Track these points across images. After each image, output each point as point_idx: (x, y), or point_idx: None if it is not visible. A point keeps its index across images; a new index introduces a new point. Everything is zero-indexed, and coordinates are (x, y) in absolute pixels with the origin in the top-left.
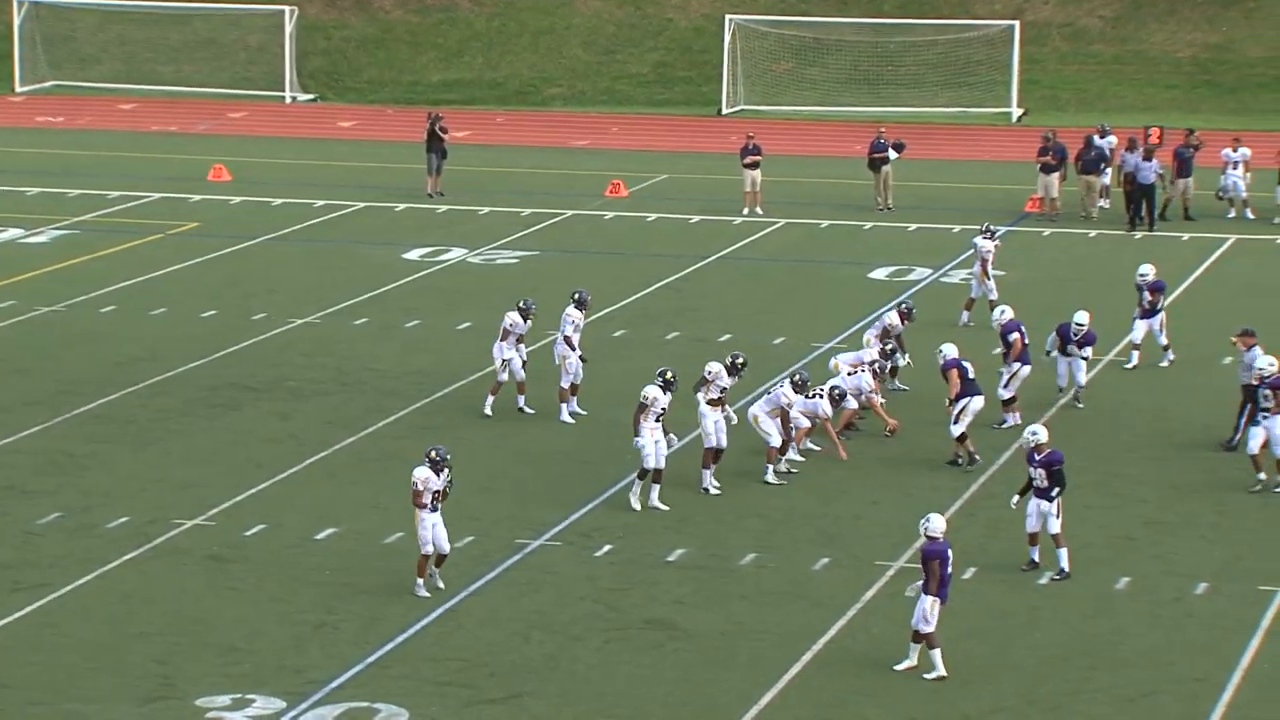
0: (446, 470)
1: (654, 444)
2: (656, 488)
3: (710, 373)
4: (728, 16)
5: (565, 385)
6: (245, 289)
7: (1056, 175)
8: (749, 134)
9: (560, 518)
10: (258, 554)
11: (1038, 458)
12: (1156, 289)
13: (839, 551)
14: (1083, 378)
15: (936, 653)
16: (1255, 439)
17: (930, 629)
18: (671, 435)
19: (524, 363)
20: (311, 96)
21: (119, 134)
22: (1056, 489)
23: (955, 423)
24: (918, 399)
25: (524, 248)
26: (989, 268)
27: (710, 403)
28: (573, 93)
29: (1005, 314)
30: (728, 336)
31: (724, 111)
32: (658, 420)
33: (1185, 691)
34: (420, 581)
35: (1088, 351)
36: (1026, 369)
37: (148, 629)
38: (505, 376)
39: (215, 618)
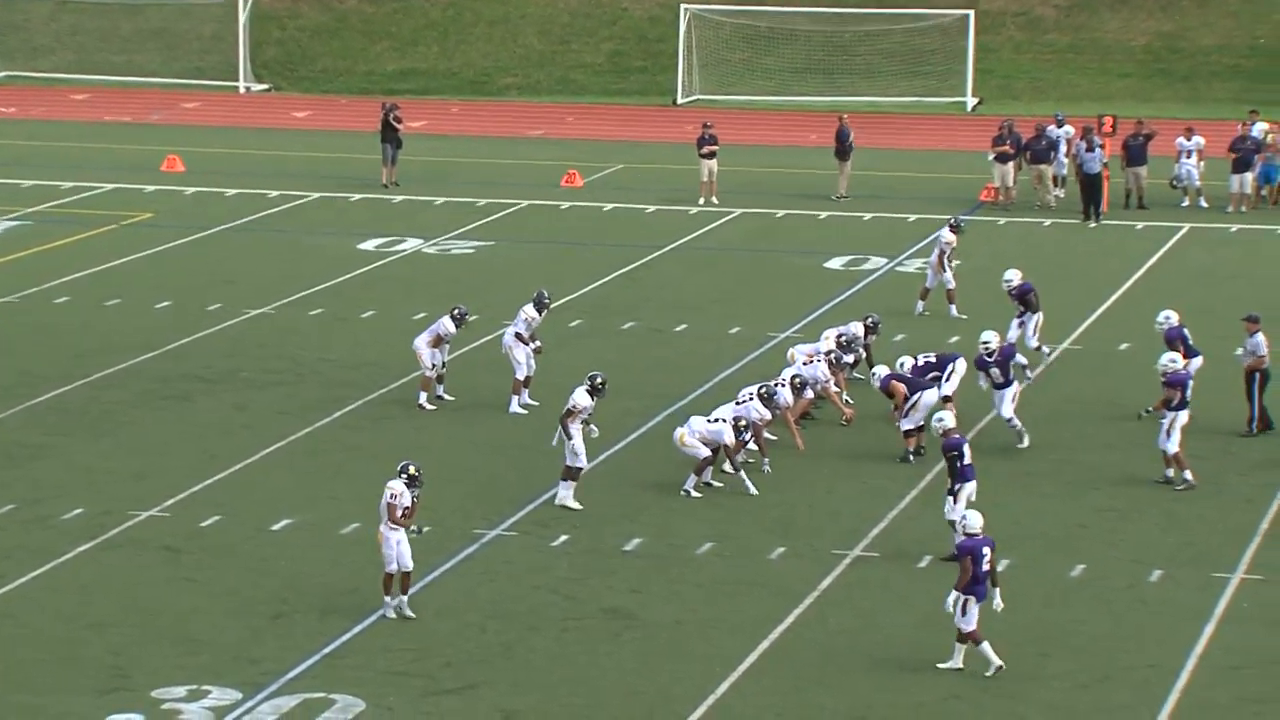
0: (417, 489)
1: (583, 444)
2: (574, 485)
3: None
4: (683, 6)
5: (520, 377)
6: (199, 280)
7: (1012, 164)
8: (705, 123)
9: (517, 508)
10: (213, 545)
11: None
12: (1023, 293)
13: (795, 541)
14: (1009, 409)
15: (961, 648)
16: (1172, 440)
17: (971, 627)
18: (593, 426)
19: (444, 362)
20: (265, 86)
21: (72, 124)
22: (952, 480)
23: (905, 417)
24: (874, 391)
25: (480, 238)
26: (945, 260)
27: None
28: (528, 82)
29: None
30: (684, 326)
31: (679, 101)
32: (585, 422)
33: (1139, 678)
34: (388, 599)
35: (1014, 372)
36: (960, 363)
37: (103, 620)
38: (433, 374)
39: (171, 609)
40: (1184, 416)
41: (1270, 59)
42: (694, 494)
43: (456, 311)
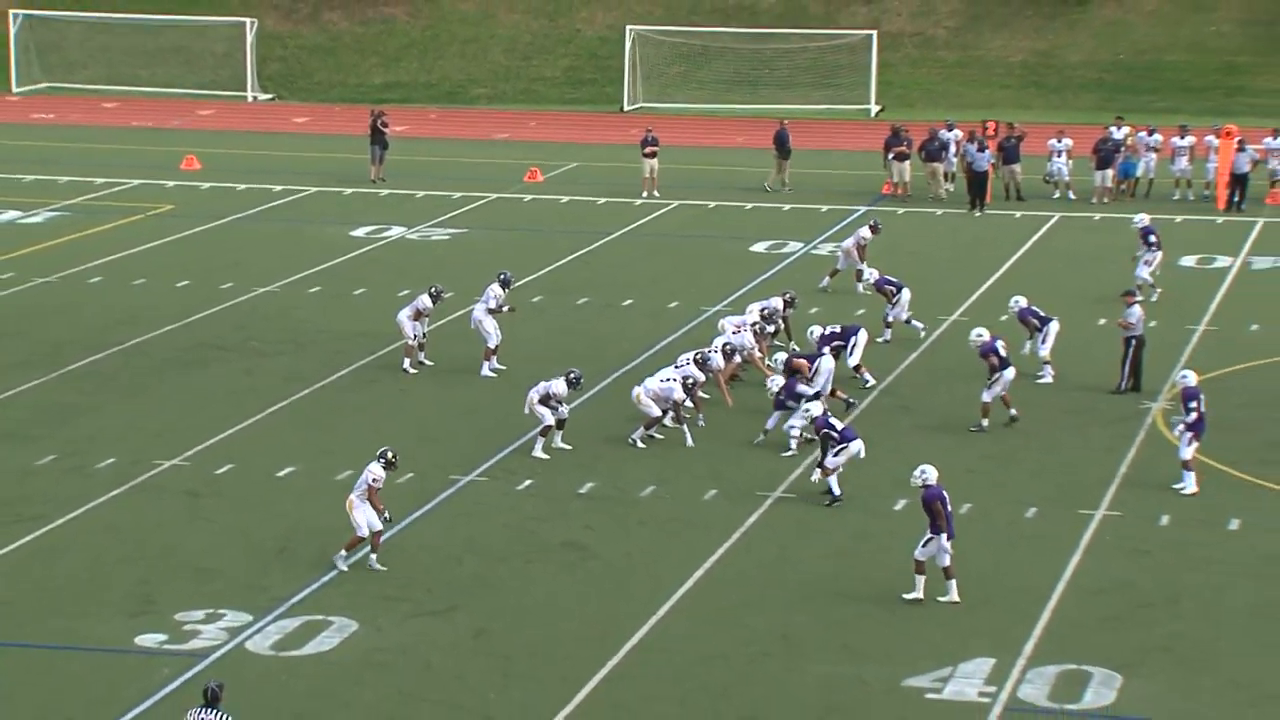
0: (393, 470)
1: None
2: (560, 433)
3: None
4: (628, 27)
5: (490, 345)
6: (214, 262)
7: (908, 163)
8: (647, 128)
9: (487, 457)
10: (227, 490)
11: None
12: (879, 286)
13: (725, 484)
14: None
15: (952, 583)
16: (990, 393)
17: (923, 558)
18: (565, 406)
19: (424, 333)
20: (270, 96)
21: (103, 129)
22: (822, 452)
23: (809, 383)
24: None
25: (455, 226)
26: (862, 250)
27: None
28: (495, 93)
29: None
30: (630, 301)
31: (625, 108)
32: (558, 404)
33: (1016, 600)
34: (344, 553)
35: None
36: (862, 334)
37: (132, 555)
38: (414, 343)
39: (190, 545)
40: (1010, 374)
41: (1128, 73)
42: (640, 444)
43: (434, 289)
